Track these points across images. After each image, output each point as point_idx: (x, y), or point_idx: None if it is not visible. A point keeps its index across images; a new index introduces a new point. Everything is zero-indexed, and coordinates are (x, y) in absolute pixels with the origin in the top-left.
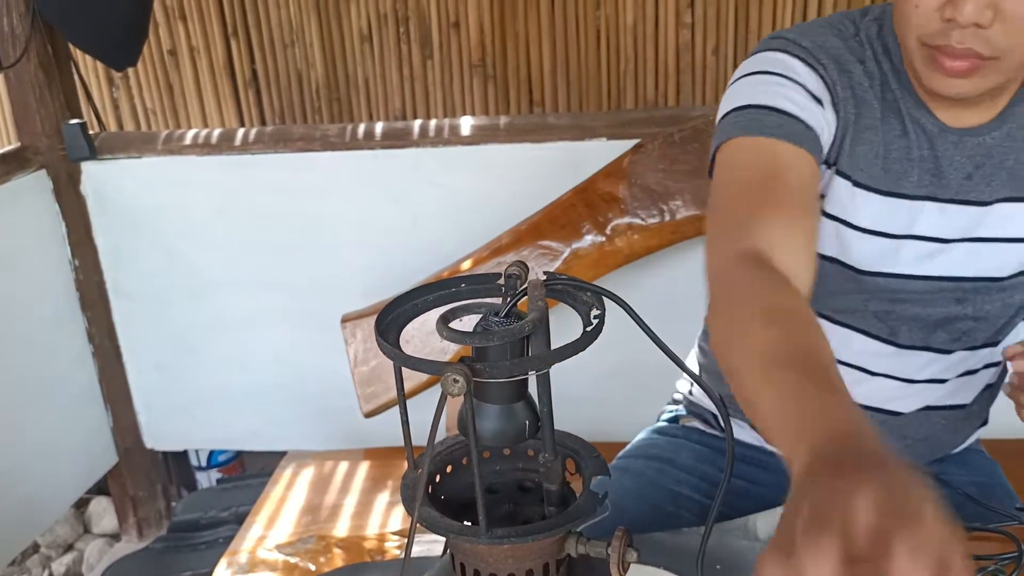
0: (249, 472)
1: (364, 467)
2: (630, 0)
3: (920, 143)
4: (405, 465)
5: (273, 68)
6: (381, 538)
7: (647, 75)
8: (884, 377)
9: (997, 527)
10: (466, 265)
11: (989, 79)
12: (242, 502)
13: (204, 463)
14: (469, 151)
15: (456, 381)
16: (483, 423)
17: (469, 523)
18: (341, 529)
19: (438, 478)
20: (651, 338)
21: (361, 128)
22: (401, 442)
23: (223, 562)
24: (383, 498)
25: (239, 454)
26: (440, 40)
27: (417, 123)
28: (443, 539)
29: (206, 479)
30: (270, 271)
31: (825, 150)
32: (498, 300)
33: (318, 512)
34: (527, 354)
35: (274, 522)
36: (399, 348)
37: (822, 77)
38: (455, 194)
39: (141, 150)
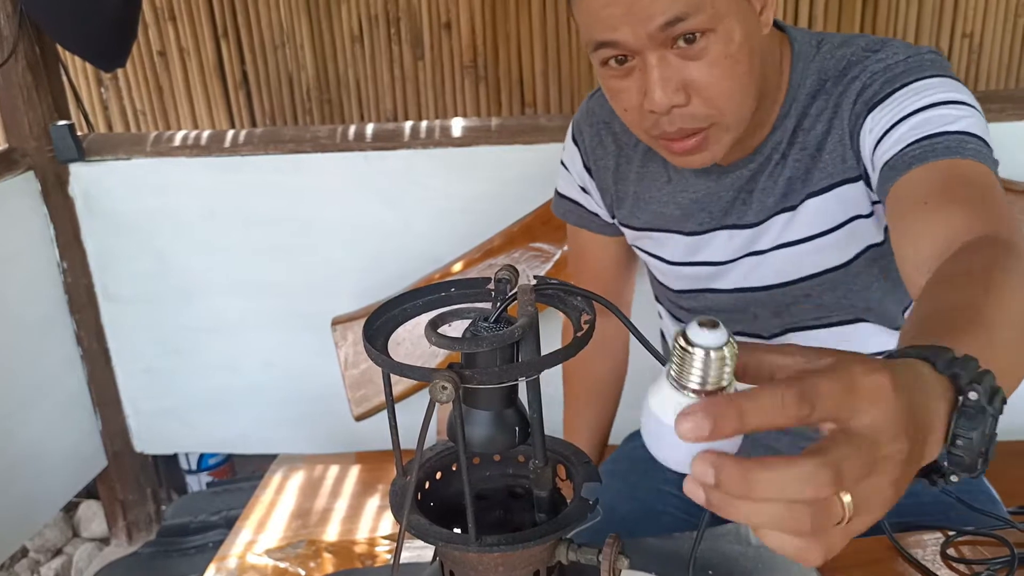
0: (239, 475)
1: (355, 471)
2: None
3: (685, 187)
4: (395, 471)
5: (264, 69)
6: (371, 543)
7: None
8: None
9: (989, 531)
10: (457, 267)
11: (723, 140)
12: (232, 506)
13: (194, 466)
14: (460, 153)
15: (444, 388)
16: (473, 429)
17: (459, 530)
18: (331, 534)
19: (427, 484)
20: (640, 341)
21: (352, 129)
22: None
23: (212, 567)
24: (373, 502)
25: (229, 457)
26: (431, 41)
27: (408, 124)
28: (422, 544)
29: (196, 482)
30: (260, 273)
31: (606, 217)
32: (488, 305)
33: (308, 516)
34: (517, 359)
35: (264, 526)
36: (387, 354)
37: (581, 152)
38: (446, 196)
39: (130, 152)
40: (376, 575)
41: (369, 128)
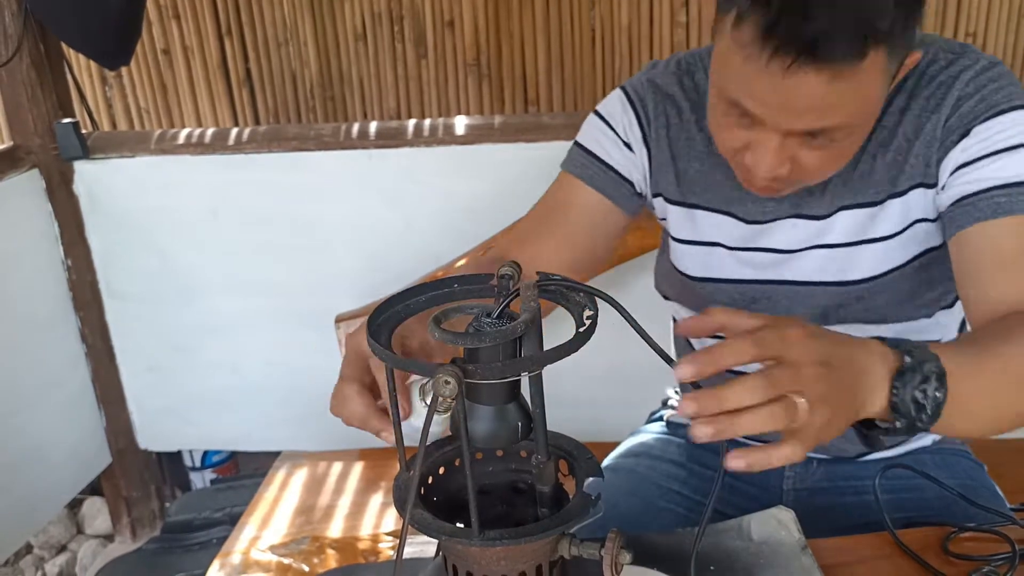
0: (243, 472)
1: (358, 468)
2: (624, 0)
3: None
4: (398, 466)
5: (267, 67)
6: (375, 539)
7: None
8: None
9: (991, 527)
10: (460, 265)
11: (798, 186)
12: (236, 503)
13: (198, 463)
14: (463, 151)
15: (447, 383)
16: (475, 424)
17: (461, 525)
18: (335, 530)
19: (430, 479)
20: (643, 338)
21: (355, 127)
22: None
23: (216, 563)
24: (377, 499)
25: (233, 454)
26: (435, 39)
27: (411, 123)
28: (425, 539)
29: (200, 479)
30: (263, 272)
31: (639, 186)
32: (491, 301)
33: (312, 513)
34: (520, 355)
35: (268, 523)
36: (390, 349)
37: (639, 115)
38: (449, 194)
39: (134, 149)
40: (380, 570)
41: (372, 126)
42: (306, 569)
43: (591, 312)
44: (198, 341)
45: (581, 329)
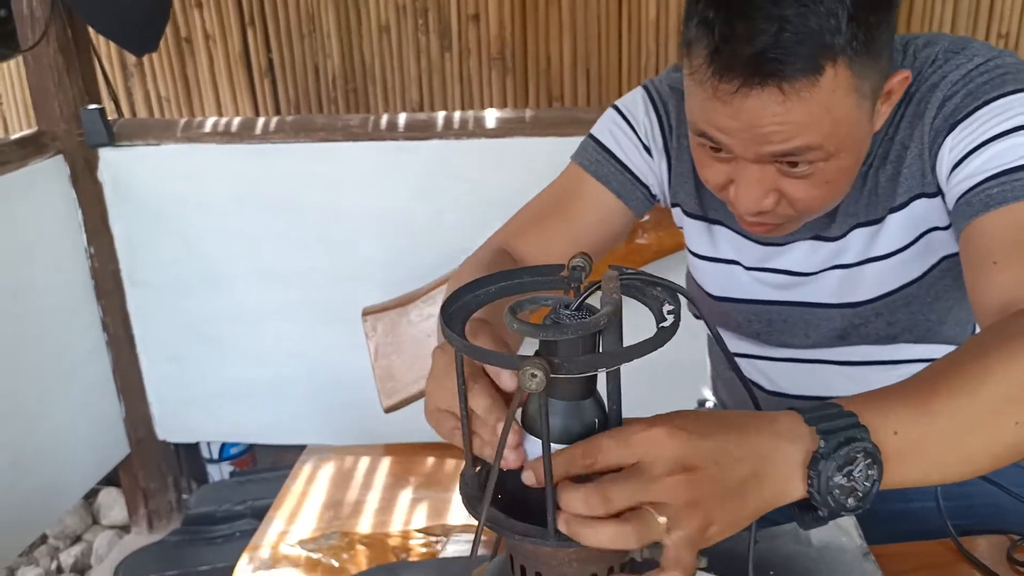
0: (260, 466)
1: (385, 463)
2: None
3: None
4: (428, 461)
5: (289, 58)
6: (405, 535)
7: None
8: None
9: None
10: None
11: (799, 223)
12: (257, 496)
13: (215, 456)
14: (494, 144)
15: (534, 376)
16: (551, 420)
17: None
18: (364, 525)
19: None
20: (721, 348)
21: (384, 119)
22: (422, 438)
23: (245, 557)
24: (406, 495)
25: (251, 447)
26: (459, 32)
27: (441, 115)
28: (470, 537)
29: (217, 472)
30: (289, 263)
31: (656, 190)
32: (560, 293)
33: (340, 508)
34: (598, 349)
35: (295, 517)
36: (465, 339)
37: (662, 119)
38: (479, 188)
39: (160, 137)
40: (421, 569)
41: (401, 118)
42: (336, 564)
43: (671, 307)
44: (220, 331)
45: (664, 324)
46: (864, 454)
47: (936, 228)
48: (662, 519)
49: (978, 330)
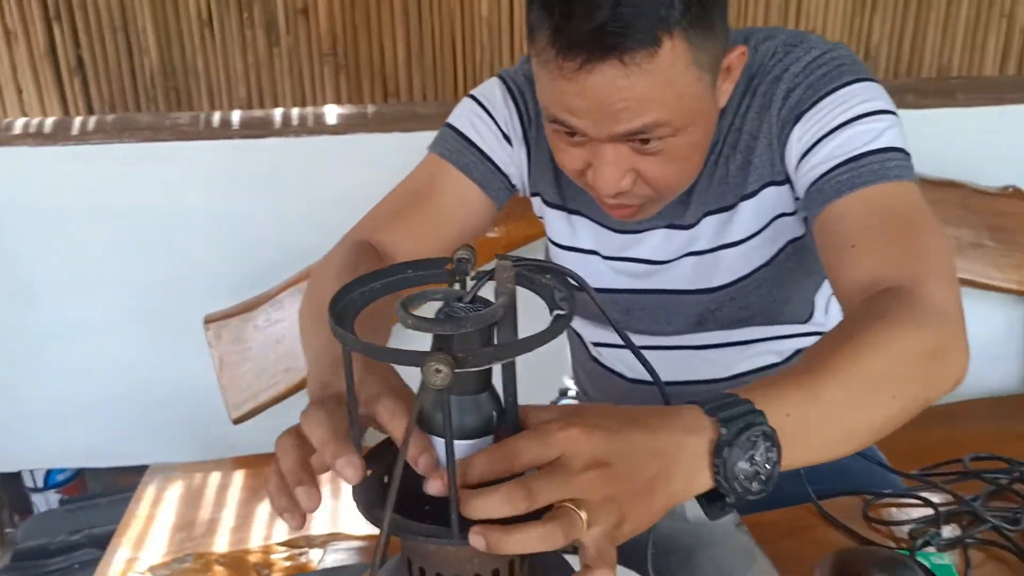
0: (92, 491)
1: (238, 477)
2: None
3: None
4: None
5: (102, 54)
6: (266, 550)
7: (505, 66)
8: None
9: (905, 492)
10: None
11: (659, 207)
12: (94, 523)
13: (40, 484)
14: (335, 140)
15: (439, 371)
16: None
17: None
18: (220, 544)
19: (385, 478)
20: (616, 329)
21: (216, 116)
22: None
23: None
24: (263, 508)
25: (79, 473)
26: (287, 26)
27: (279, 112)
28: (347, 545)
29: (44, 502)
30: (115, 272)
31: (515, 180)
32: (446, 285)
33: (192, 528)
34: (493, 342)
35: (143, 543)
36: (356, 336)
37: (520, 110)
38: (320, 186)
39: None
40: None
41: (236, 115)
42: None
43: (563, 294)
44: (37, 350)
45: (560, 312)
46: (764, 437)
47: (784, 214)
48: (583, 514)
49: (820, 310)
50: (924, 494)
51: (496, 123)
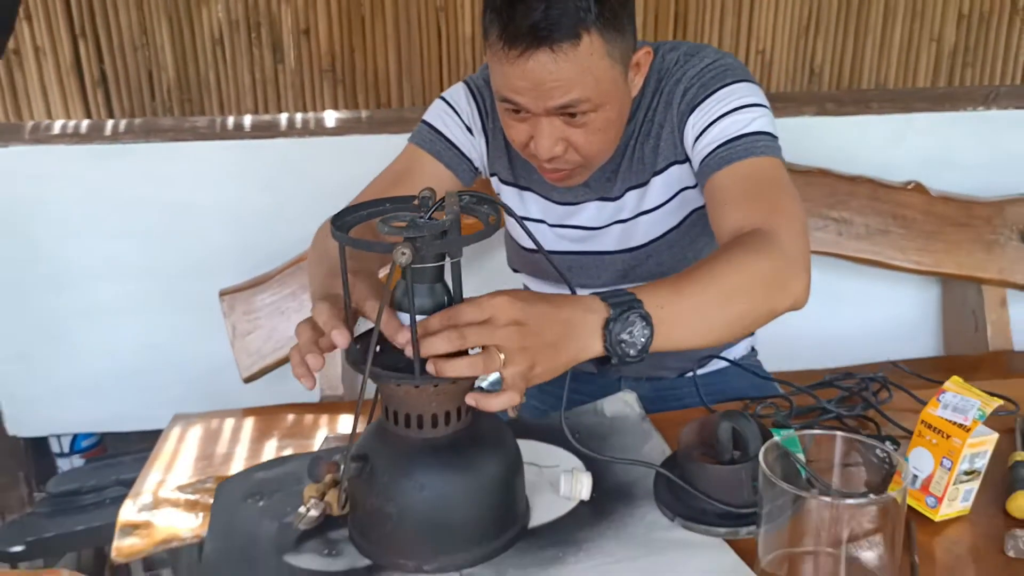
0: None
1: (249, 422)
2: (468, 13)
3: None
4: (289, 418)
5: (123, 68)
6: None
7: None
8: None
9: (781, 395)
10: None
11: (586, 174)
12: (119, 474)
13: (66, 449)
14: (333, 141)
15: (404, 253)
16: (417, 299)
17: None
18: (236, 470)
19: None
20: (533, 242)
21: (231, 120)
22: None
23: (128, 503)
24: (271, 444)
25: (102, 439)
26: (292, 46)
27: (284, 116)
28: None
29: (68, 466)
30: (140, 257)
31: (477, 164)
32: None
33: (212, 459)
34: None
35: (171, 468)
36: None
37: (480, 107)
38: (319, 182)
39: (8, 140)
40: (272, 466)
41: (247, 119)
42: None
43: (493, 214)
44: (72, 329)
45: (491, 223)
46: (639, 317)
47: (687, 188)
48: (502, 356)
49: None
50: (793, 399)
51: (460, 118)
